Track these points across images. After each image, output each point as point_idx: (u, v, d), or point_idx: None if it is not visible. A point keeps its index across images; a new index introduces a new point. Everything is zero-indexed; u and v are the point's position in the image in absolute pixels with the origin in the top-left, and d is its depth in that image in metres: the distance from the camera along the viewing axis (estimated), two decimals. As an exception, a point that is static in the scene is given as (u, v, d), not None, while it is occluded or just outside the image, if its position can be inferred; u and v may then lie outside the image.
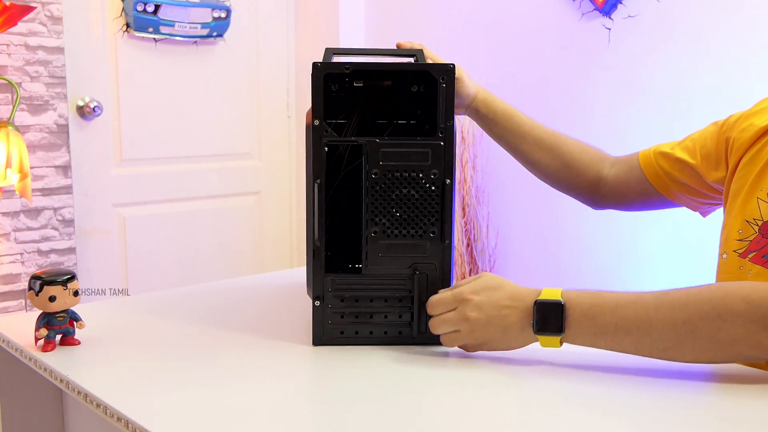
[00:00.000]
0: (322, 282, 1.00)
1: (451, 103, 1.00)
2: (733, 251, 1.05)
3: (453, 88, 1.00)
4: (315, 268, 1.00)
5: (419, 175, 0.99)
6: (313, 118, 0.97)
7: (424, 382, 0.89)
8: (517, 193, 2.46)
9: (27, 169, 1.99)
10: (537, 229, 2.43)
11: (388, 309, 1.01)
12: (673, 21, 2.04)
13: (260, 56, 2.87)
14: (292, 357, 0.98)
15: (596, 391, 0.85)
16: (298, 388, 0.90)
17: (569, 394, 0.85)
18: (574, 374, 0.90)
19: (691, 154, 1.19)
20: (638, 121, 2.14)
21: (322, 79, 0.97)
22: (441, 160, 0.99)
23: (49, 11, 2.25)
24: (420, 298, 1.00)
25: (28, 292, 0.97)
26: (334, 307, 1.01)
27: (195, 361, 0.98)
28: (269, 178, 2.95)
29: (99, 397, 0.83)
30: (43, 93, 2.26)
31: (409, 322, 1.01)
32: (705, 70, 2.00)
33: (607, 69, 2.20)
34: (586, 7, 2.21)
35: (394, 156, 0.99)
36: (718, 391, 0.88)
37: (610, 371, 0.90)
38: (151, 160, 2.66)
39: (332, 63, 1.01)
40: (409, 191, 0.99)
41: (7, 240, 2.23)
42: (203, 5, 2.62)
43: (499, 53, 2.46)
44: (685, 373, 0.89)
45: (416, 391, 0.87)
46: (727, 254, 1.05)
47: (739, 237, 1.05)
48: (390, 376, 0.91)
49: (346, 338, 1.01)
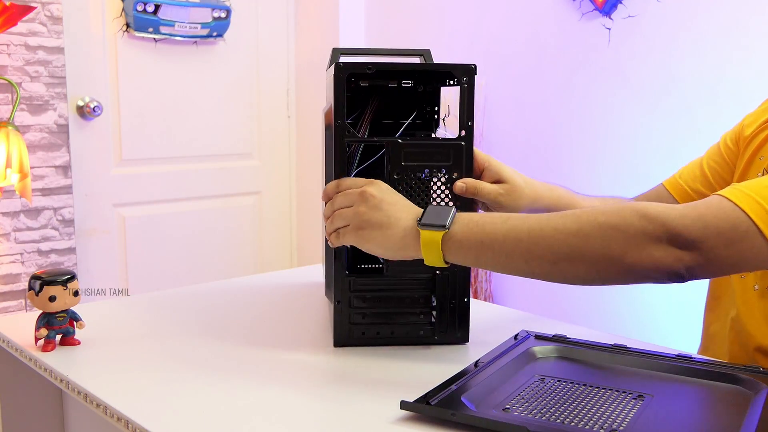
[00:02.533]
0: (342, 283, 1.00)
1: (471, 103, 0.99)
2: None
3: (473, 88, 0.99)
4: (336, 269, 1.00)
5: (440, 174, 0.99)
6: (336, 119, 0.97)
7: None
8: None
9: (27, 169, 1.99)
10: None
11: (408, 310, 1.01)
12: (673, 21, 2.04)
13: (260, 56, 2.87)
14: (292, 357, 0.98)
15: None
16: (298, 388, 0.89)
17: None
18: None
19: (717, 159, 1.18)
20: (638, 121, 2.13)
21: (345, 80, 0.97)
22: (462, 161, 0.99)
23: (49, 11, 2.25)
24: (441, 299, 1.00)
25: (28, 292, 0.97)
26: (356, 309, 1.01)
27: (195, 361, 0.98)
28: (269, 178, 2.95)
29: (99, 397, 0.83)
30: (43, 93, 2.26)
31: (430, 322, 1.02)
32: (705, 69, 1.99)
33: (607, 69, 2.20)
34: (586, 7, 2.21)
35: (415, 156, 0.99)
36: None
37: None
38: (151, 160, 2.66)
39: (355, 63, 1.01)
40: (430, 191, 0.99)
41: (7, 240, 2.23)
42: (203, 5, 2.62)
43: (499, 53, 2.46)
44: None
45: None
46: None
47: None
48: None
49: (368, 338, 1.01)
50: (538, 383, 0.87)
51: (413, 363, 0.96)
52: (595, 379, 0.89)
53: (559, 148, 2.32)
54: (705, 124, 1.97)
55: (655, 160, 2.08)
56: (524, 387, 0.86)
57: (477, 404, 0.79)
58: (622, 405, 0.81)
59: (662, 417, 0.78)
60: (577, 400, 0.82)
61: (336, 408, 0.83)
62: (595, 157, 2.23)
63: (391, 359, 0.97)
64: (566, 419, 0.77)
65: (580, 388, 0.86)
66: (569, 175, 2.29)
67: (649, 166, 2.09)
